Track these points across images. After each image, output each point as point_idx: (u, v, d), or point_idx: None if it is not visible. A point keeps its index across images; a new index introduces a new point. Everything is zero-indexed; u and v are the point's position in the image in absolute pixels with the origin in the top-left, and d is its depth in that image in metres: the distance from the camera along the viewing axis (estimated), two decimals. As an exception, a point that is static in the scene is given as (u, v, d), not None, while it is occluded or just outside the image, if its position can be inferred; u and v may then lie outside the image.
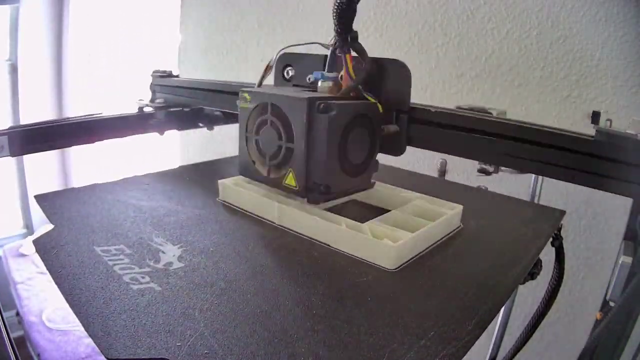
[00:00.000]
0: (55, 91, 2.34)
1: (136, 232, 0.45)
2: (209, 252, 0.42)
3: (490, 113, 0.58)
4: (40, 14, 2.20)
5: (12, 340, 0.55)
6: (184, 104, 0.84)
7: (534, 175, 0.72)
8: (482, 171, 0.65)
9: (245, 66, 1.35)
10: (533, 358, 0.94)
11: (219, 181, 0.54)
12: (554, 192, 0.87)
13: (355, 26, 0.48)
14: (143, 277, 0.36)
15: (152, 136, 0.86)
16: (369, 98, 0.49)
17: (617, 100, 0.81)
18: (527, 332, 0.60)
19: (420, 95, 1.00)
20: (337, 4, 0.45)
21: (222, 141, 1.47)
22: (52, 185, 2.40)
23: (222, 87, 0.76)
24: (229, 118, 0.87)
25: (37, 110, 2.27)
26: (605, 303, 0.61)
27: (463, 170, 0.96)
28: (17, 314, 1.72)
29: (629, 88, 0.79)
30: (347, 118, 0.44)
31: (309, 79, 0.53)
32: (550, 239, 0.52)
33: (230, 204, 0.53)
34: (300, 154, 0.44)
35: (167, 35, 1.76)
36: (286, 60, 0.60)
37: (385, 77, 0.50)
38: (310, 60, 0.56)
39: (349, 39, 0.48)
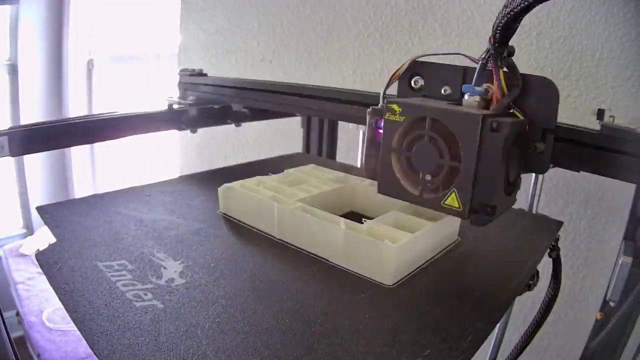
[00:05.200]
0: (55, 91, 2.34)
1: (138, 246, 0.45)
2: (210, 267, 0.42)
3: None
4: (40, 14, 2.20)
5: (12, 340, 0.55)
6: (212, 102, 0.87)
7: (534, 175, 0.71)
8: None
9: (245, 66, 1.35)
10: (533, 358, 0.94)
11: (219, 193, 0.54)
12: (554, 192, 0.87)
13: (355, 26, 0.48)
14: (146, 294, 0.37)
15: (152, 136, 0.86)
16: (519, 115, 0.46)
17: (617, 100, 0.80)
18: (523, 342, 0.60)
19: (420, 95, 1.00)
20: (504, 16, 0.42)
21: (222, 143, 1.47)
22: (52, 185, 2.40)
23: (250, 84, 0.78)
24: (256, 115, 0.91)
25: (37, 110, 2.27)
26: (605, 303, 0.61)
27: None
28: (17, 314, 1.72)
29: (629, 88, 0.79)
30: (513, 137, 0.42)
31: (445, 91, 0.50)
32: (548, 250, 0.52)
33: (231, 217, 0.54)
34: (468, 174, 0.41)
35: (167, 35, 1.76)
36: (414, 69, 0.55)
37: (531, 94, 0.48)
38: (444, 70, 0.52)
39: (505, 53, 0.45)
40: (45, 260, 0.41)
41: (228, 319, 0.34)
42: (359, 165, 0.84)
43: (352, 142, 1.01)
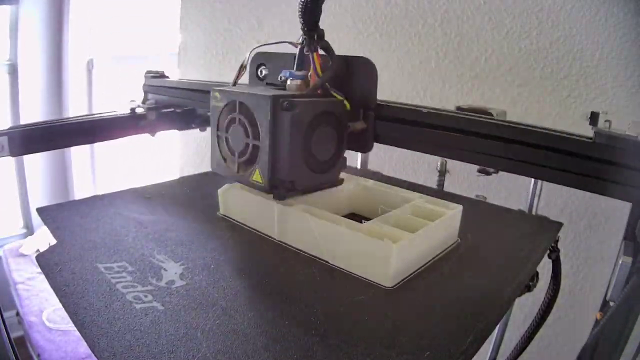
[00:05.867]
0: (55, 91, 2.34)
1: (138, 248, 0.45)
2: (209, 269, 0.42)
3: (491, 113, 0.58)
4: (40, 14, 2.20)
5: (12, 340, 0.55)
6: (176, 105, 0.85)
7: (534, 175, 0.71)
8: (482, 171, 0.64)
9: (245, 66, 1.35)
10: (533, 358, 0.94)
11: (219, 195, 0.54)
12: (555, 192, 0.87)
13: (355, 26, 0.48)
14: (146, 296, 0.37)
15: (150, 137, 0.86)
16: (336, 95, 0.49)
17: (617, 101, 0.80)
18: (522, 343, 0.60)
19: (421, 95, 1.00)
20: (302, 3, 0.46)
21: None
22: (52, 185, 2.40)
23: (212, 87, 0.76)
24: None
25: (37, 110, 2.27)
26: (605, 303, 0.61)
27: (463, 169, 0.96)
28: (17, 314, 1.72)
29: (628, 88, 0.79)
30: (311, 115, 0.45)
31: (281, 78, 0.54)
32: (547, 252, 0.52)
33: (231, 219, 0.54)
34: (265, 151, 0.45)
35: (167, 35, 1.76)
36: (259, 59, 0.61)
37: (353, 75, 0.51)
38: (282, 59, 0.57)
39: (315, 37, 0.49)
40: (46, 261, 0.41)
41: (228, 321, 0.34)
42: (358, 167, 0.84)
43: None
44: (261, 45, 0.55)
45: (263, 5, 1.27)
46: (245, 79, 0.59)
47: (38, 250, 2.03)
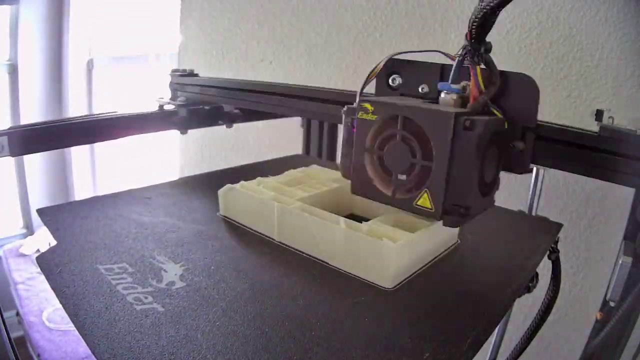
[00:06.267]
0: (55, 91, 2.34)
1: (138, 249, 0.45)
2: (210, 270, 0.42)
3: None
4: (40, 14, 2.20)
5: (12, 340, 0.55)
6: (203, 102, 0.86)
7: (534, 175, 0.71)
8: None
9: (245, 66, 1.35)
10: (533, 358, 0.94)
11: (220, 196, 0.54)
12: (555, 192, 0.87)
13: (355, 26, 0.47)
14: (146, 297, 0.37)
15: (152, 137, 0.86)
16: (497, 113, 0.45)
17: (617, 100, 0.80)
18: (522, 344, 0.60)
19: (420, 95, 1.00)
20: (479, 12, 0.41)
21: (222, 143, 1.47)
22: (52, 186, 2.40)
23: (242, 85, 0.77)
24: (248, 116, 0.90)
25: (37, 110, 2.27)
26: (605, 303, 0.61)
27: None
28: (17, 314, 1.72)
29: (629, 88, 0.79)
30: (488, 135, 0.40)
31: (422, 89, 0.49)
32: (547, 253, 0.52)
33: (231, 219, 0.54)
34: (440, 173, 0.40)
35: (167, 35, 1.76)
36: (393, 67, 0.53)
37: (511, 91, 0.46)
38: (422, 68, 0.51)
39: (481, 49, 0.44)
40: (46, 263, 0.41)
41: (228, 322, 0.34)
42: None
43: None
44: (399, 53, 0.49)
45: (263, 5, 1.27)
46: (370, 87, 0.52)
47: (38, 250, 2.03)
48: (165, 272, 0.41)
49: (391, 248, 0.39)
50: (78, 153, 2.38)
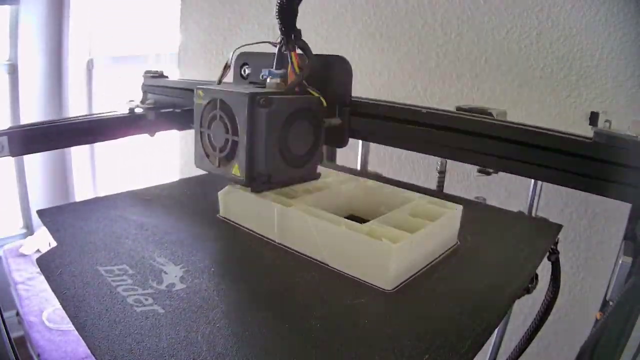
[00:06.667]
0: (55, 91, 2.34)
1: (138, 251, 0.45)
2: (210, 272, 0.42)
3: (491, 113, 0.58)
4: (40, 14, 2.20)
5: (12, 340, 0.55)
6: (175, 105, 0.85)
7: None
8: (482, 171, 0.64)
9: (245, 66, 1.35)
10: (532, 358, 0.94)
11: (220, 197, 0.54)
12: (555, 192, 0.87)
13: (355, 26, 0.49)
14: (146, 299, 0.37)
15: (150, 137, 0.86)
16: (313, 92, 0.52)
17: (617, 100, 0.80)
18: (521, 345, 0.60)
19: (421, 95, 1.00)
20: (278, 4, 0.48)
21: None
22: (52, 186, 2.40)
23: (196, 86, 0.76)
24: None
25: (37, 110, 2.27)
26: (605, 303, 0.61)
27: (463, 169, 0.96)
28: (17, 314, 1.72)
29: (629, 88, 0.79)
30: (287, 112, 0.48)
31: (262, 77, 0.56)
32: (547, 254, 0.52)
33: (231, 221, 0.54)
34: (243, 146, 0.47)
35: (167, 35, 1.76)
36: (243, 59, 0.63)
37: (330, 73, 0.54)
38: (264, 58, 0.59)
39: (292, 37, 0.51)
40: (46, 264, 0.41)
41: (228, 324, 0.34)
42: (358, 168, 0.84)
43: (353, 143, 1.01)
44: (244, 45, 0.57)
45: (263, 5, 1.27)
46: (229, 77, 0.61)
47: (38, 250, 2.03)
48: (166, 274, 0.41)
49: (391, 248, 0.39)
50: (78, 153, 2.38)
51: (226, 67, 0.58)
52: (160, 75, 0.89)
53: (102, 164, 2.47)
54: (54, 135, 0.68)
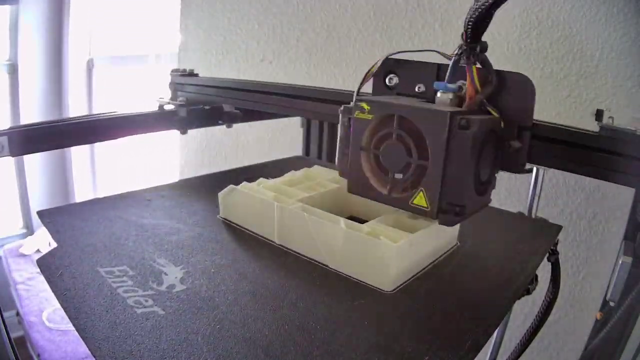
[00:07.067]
0: (55, 91, 2.34)
1: (139, 252, 0.45)
2: (210, 273, 0.42)
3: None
4: (40, 14, 2.20)
5: (12, 340, 0.55)
6: (204, 102, 0.86)
7: (534, 175, 0.72)
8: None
9: (245, 66, 1.35)
10: (532, 358, 0.94)
11: (220, 198, 0.54)
12: (555, 192, 0.87)
13: (355, 26, 0.47)
14: (147, 300, 0.37)
15: (152, 137, 0.86)
16: (493, 112, 0.45)
17: (617, 100, 0.80)
18: (521, 346, 0.60)
19: (420, 95, 1.00)
20: (474, 12, 0.41)
21: (221, 144, 1.47)
22: (53, 186, 2.40)
23: (241, 85, 0.77)
24: (248, 116, 0.90)
25: (37, 110, 2.27)
26: (605, 303, 0.61)
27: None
28: (17, 314, 1.72)
29: (629, 88, 0.79)
30: (484, 135, 0.41)
31: (419, 88, 0.49)
32: (547, 255, 0.52)
33: (231, 222, 0.54)
34: (436, 172, 0.40)
35: (167, 35, 1.76)
36: (389, 66, 0.54)
37: (507, 91, 0.46)
38: (418, 67, 0.51)
39: (477, 49, 0.44)
40: (47, 265, 0.41)
41: (228, 326, 0.34)
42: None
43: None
44: (396, 53, 0.50)
45: (263, 5, 1.27)
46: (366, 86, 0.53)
47: (38, 250, 2.03)
48: (166, 275, 0.41)
49: (391, 248, 0.39)
50: (78, 153, 2.38)
51: (369, 74, 0.49)
52: (190, 74, 0.89)
53: (102, 165, 2.47)
54: (55, 135, 0.68)
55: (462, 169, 0.39)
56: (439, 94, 0.45)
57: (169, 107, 0.84)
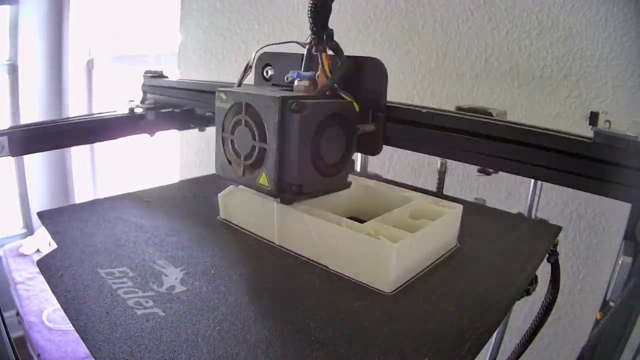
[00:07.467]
0: (55, 91, 2.34)
1: (139, 253, 0.45)
2: (210, 275, 0.42)
3: (491, 113, 0.58)
4: (40, 14, 2.20)
5: (12, 340, 0.55)
6: (175, 105, 0.84)
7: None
8: (482, 171, 0.64)
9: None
10: (532, 358, 0.94)
11: (220, 199, 0.54)
12: (555, 192, 0.87)
13: (355, 26, 0.48)
14: (147, 302, 0.37)
15: (152, 138, 0.86)
16: (345, 97, 0.48)
17: (617, 100, 0.80)
18: (520, 347, 0.60)
19: (421, 95, 1.00)
20: (312, 3, 0.45)
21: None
22: (53, 187, 2.40)
23: (211, 87, 0.75)
24: None
25: (37, 110, 2.27)
26: (605, 303, 0.61)
27: (463, 169, 0.96)
28: (17, 314, 1.72)
29: (629, 88, 0.79)
30: (320, 117, 0.44)
31: (287, 79, 0.53)
32: (547, 255, 0.52)
33: (231, 223, 0.54)
34: (273, 154, 0.43)
35: (167, 35, 1.76)
36: (266, 59, 0.59)
37: (363, 76, 0.49)
38: (289, 59, 0.55)
39: (324, 37, 0.48)
40: (47, 267, 0.41)
41: (228, 327, 0.34)
42: (358, 169, 0.84)
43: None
44: (268, 45, 0.53)
45: (263, 5, 1.27)
46: (249, 79, 0.57)
47: (38, 250, 2.03)
48: (166, 276, 0.41)
49: (391, 247, 0.39)
50: (78, 153, 2.38)
51: (248, 67, 0.53)
52: (160, 75, 0.88)
53: (102, 165, 2.47)
54: (54, 135, 0.68)
55: (296, 150, 0.43)
56: (295, 82, 0.49)
57: (139, 110, 0.82)
